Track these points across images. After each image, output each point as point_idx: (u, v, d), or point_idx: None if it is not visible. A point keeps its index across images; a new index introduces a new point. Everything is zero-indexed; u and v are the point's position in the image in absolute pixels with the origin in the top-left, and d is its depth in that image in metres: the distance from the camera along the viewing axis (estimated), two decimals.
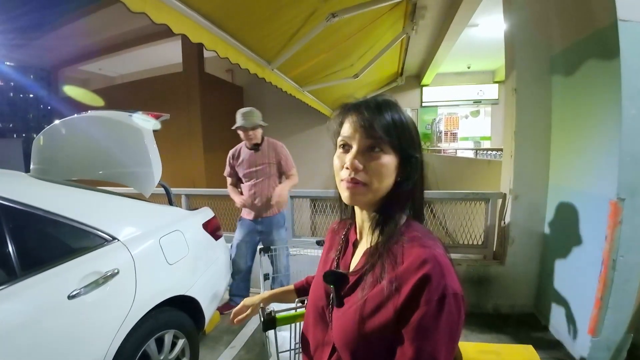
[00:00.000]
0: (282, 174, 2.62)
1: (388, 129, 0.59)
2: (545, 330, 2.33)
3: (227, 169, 2.68)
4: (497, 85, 9.77)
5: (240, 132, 2.47)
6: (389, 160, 0.59)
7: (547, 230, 2.45)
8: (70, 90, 8.41)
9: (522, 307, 2.57)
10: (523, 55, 2.41)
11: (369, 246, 0.64)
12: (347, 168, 0.60)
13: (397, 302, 0.53)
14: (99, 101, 7.90)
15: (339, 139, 0.63)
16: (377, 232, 0.63)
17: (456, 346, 0.53)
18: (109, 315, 1.33)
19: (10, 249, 1.15)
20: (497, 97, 9.78)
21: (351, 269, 0.68)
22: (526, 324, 2.44)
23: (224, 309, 2.64)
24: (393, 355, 0.54)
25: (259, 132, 2.51)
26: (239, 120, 2.42)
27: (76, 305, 1.21)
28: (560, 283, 2.28)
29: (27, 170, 1.91)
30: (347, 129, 0.62)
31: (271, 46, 3.27)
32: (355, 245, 0.72)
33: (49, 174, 1.79)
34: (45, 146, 1.90)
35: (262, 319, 0.82)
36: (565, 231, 2.25)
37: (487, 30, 6.26)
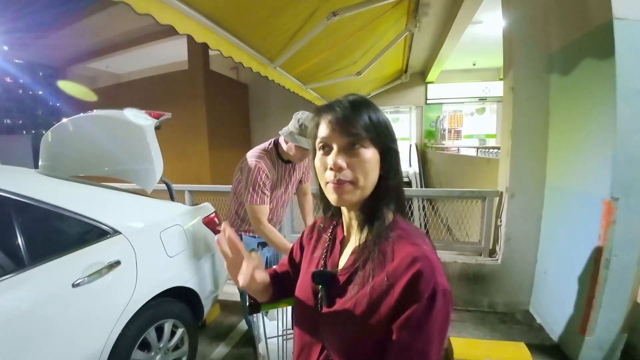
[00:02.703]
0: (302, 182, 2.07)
1: (365, 124, 0.59)
2: (539, 328, 2.35)
3: (265, 195, 1.70)
4: (502, 82, 9.67)
5: (293, 149, 1.70)
6: (371, 155, 0.59)
7: (543, 228, 2.47)
8: (76, 88, 8.55)
9: (517, 305, 2.59)
10: (521, 53, 2.41)
11: (357, 244, 0.64)
12: (330, 169, 0.59)
13: (391, 300, 0.54)
14: (105, 99, 8.03)
15: (317, 140, 0.63)
16: (365, 230, 0.62)
17: (445, 341, 0.55)
18: (110, 303, 1.40)
19: (19, 240, 1.22)
20: (502, 95, 9.68)
21: (340, 267, 0.67)
22: (521, 321, 2.46)
23: None
24: (384, 352, 0.55)
25: None
26: (300, 137, 1.63)
27: (80, 294, 1.28)
28: (555, 281, 2.30)
29: (36, 165, 1.99)
30: (324, 129, 0.62)
31: (273, 45, 3.31)
32: (343, 243, 0.71)
33: (56, 170, 1.86)
34: (53, 143, 1.97)
35: (246, 303, 0.86)
36: (560, 230, 2.27)
37: (491, 27, 6.23)
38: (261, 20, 2.80)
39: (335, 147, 0.60)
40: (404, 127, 11.19)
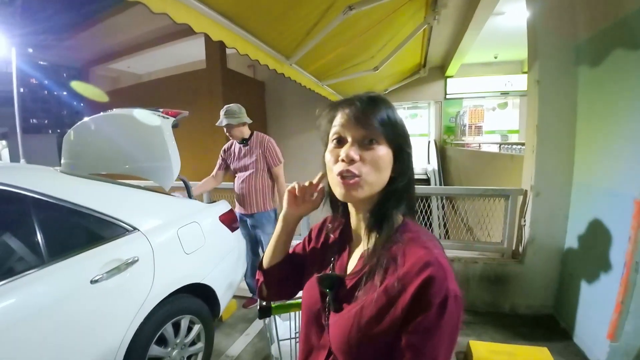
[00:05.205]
0: (270, 168, 2.62)
1: (382, 121, 0.59)
2: (563, 333, 2.25)
3: (218, 163, 2.78)
4: (526, 75, 9.27)
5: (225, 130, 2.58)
6: (385, 153, 0.59)
7: (569, 229, 2.35)
8: (99, 89, 8.84)
9: (540, 308, 2.49)
10: (546, 44, 2.30)
11: (366, 248, 0.63)
12: (342, 160, 0.58)
13: (401, 305, 0.52)
14: (126, 98, 8.27)
15: (332, 132, 0.62)
16: (374, 233, 0.61)
17: (454, 348, 0.54)
18: (128, 299, 1.43)
19: (40, 237, 1.27)
20: (526, 89, 9.33)
21: (348, 271, 0.66)
22: (544, 325, 2.37)
23: (248, 303, 2.72)
24: (392, 356, 0.54)
25: (237, 130, 2.55)
26: (220, 119, 2.55)
27: (98, 290, 1.31)
28: (581, 284, 2.18)
29: (60, 163, 2.06)
30: (339, 122, 0.61)
31: (289, 42, 3.30)
32: (351, 246, 0.70)
33: (78, 168, 1.92)
34: (75, 142, 2.03)
35: (258, 307, 0.85)
36: (588, 231, 2.15)
37: (514, 18, 5.98)
38: (276, 17, 2.79)
39: (349, 139, 0.59)
40: (423, 122, 10.96)
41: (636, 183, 1.70)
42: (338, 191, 0.60)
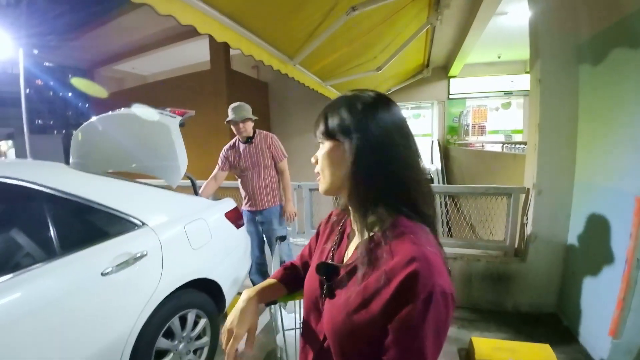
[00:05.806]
0: (276, 163, 2.70)
1: (325, 120, 0.65)
2: (565, 330, 2.26)
3: (220, 161, 2.74)
4: (529, 75, 9.29)
5: (232, 126, 2.58)
6: (327, 151, 0.65)
7: (571, 227, 2.37)
8: (104, 90, 8.91)
9: (543, 306, 2.50)
10: (548, 44, 2.31)
11: (360, 240, 0.65)
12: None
13: (384, 298, 0.53)
14: (131, 99, 8.33)
15: None
16: (362, 227, 0.63)
17: (443, 344, 0.53)
18: (136, 292, 1.47)
19: (51, 231, 1.31)
20: (529, 88, 9.31)
21: (344, 261, 0.70)
22: (547, 323, 2.38)
23: None
24: (380, 349, 0.55)
25: (249, 125, 2.59)
26: (229, 115, 2.56)
27: (108, 282, 1.35)
28: (583, 282, 2.20)
29: (66, 163, 2.10)
30: None
31: (293, 42, 3.33)
32: (350, 237, 0.73)
33: (86, 167, 1.96)
34: (83, 141, 2.08)
35: None
36: (590, 228, 2.17)
37: (517, 17, 5.97)
38: (281, 18, 2.82)
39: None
40: (426, 123, 10.96)
41: (637, 180, 1.72)
42: None
